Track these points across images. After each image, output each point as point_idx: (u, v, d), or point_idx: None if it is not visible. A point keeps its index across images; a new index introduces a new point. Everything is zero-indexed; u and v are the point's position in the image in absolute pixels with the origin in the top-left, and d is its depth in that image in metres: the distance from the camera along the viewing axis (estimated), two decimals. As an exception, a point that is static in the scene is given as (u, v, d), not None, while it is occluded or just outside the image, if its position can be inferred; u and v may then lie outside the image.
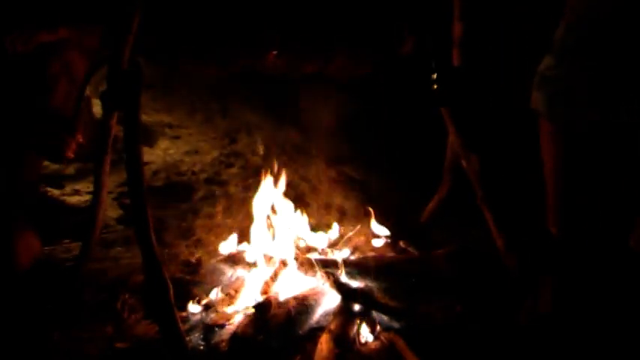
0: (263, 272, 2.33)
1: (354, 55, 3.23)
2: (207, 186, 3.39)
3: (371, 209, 2.80)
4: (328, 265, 2.33)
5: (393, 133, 3.60)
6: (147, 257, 1.79)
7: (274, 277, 2.28)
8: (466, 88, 2.60)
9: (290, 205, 2.60)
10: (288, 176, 2.65)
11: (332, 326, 2.01)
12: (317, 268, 2.30)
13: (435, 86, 2.62)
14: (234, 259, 2.47)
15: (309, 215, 2.72)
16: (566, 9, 1.66)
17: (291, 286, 2.26)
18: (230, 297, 2.22)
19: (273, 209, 2.55)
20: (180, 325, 1.84)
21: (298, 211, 2.63)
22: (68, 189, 3.20)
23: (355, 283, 2.28)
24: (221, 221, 2.87)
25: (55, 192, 3.14)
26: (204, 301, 2.20)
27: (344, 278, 2.28)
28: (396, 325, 2.09)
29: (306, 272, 2.32)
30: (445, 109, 2.64)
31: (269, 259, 2.38)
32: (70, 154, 2.20)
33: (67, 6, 2.08)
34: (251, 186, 3.27)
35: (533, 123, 1.82)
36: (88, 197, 2.98)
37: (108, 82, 1.91)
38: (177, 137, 3.86)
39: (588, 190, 1.77)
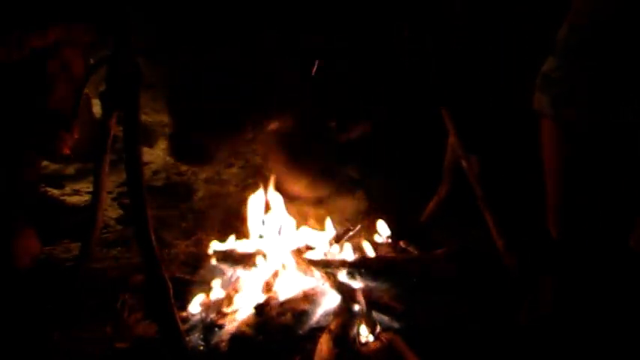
0: (263, 272, 2.33)
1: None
2: (207, 186, 3.39)
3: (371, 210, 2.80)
4: (328, 265, 2.33)
5: (394, 133, 3.60)
6: (147, 257, 1.79)
7: (274, 277, 2.28)
8: (466, 88, 2.60)
9: (288, 204, 2.60)
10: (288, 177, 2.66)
11: (332, 326, 2.01)
12: (317, 268, 2.30)
13: (435, 86, 2.62)
14: (235, 259, 2.47)
15: (309, 215, 2.72)
16: (570, 10, 1.66)
17: (291, 286, 2.26)
18: (230, 297, 2.22)
19: (273, 209, 2.56)
20: (180, 325, 1.84)
21: (299, 210, 2.63)
22: (68, 189, 3.20)
23: (355, 283, 2.28)
24: (221, 221, 2.87)
25: (55, 192, 3.14)
26: (204, 301, 2.20)
27: (344, 278, 2.28)
28: (396, 325, 2.08)
29: (306, 272, 2.32)
30: (445, 110, 2.64)
31: (269, 259, 2.38)
32: (67, 150, 2.20)
33: (55, 7, 2.08)
34: (251, 186, 3.27)
35: (532, 123, 1.82)
36: (88, 197, 2.98)
37: (107, 83, 1.91)
38: (177, 137, 3.85)
39: (589, 190, 1.77)
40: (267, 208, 2.56)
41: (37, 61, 2.15)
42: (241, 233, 2.60)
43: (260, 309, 2.07)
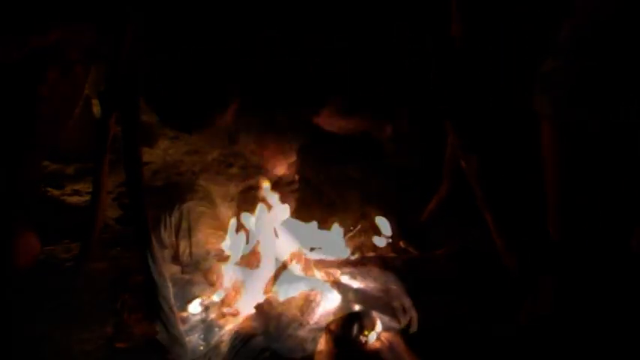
0: (263, 272, 2.33)
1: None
2: (207, 186, 3.38)
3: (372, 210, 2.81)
4: (328, 266, 2.33)
5: (394, 133, 3.60)
6: (146, 257, 1.79)
7: (275, 277, 2.28)
8: (465, 88, 2.60)
9: (290, 204, 2.60)
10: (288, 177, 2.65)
11: (332, 326, 2.01)
12: (317, 268, 2.30)
13: (434, 86, 2.62)
14: (235, 260, 2.47)
15: (309, 215, 2.72)
16: (570, 10, 1.66)
17: (291, 286, 2.26)
18: (230, 297, 2.22)
19: (274, 209, 2.56)
20: (180, 325, 1.84)
21: (299, 210, 2.63)
22: (68, 189, 3.20)
23: (355, 283, 2.28)
24: (221, 221, 2.86)
25: (55, 192, 3.14)
26: (204, 301, 2.20)
27: (344, 278, 2.28)
28: (396, 325, 2.09)
29: (306, 272, 2.32)
30: (445, 109, 2.64)
31: (270, 259, 2.38)
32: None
33: (55, 7, 2.08)
34: (251, 186, 3.27)
35: (532, 123, 1.82)
36: (88, 197, 2.97)
37: (107, 83, 1.91)
38: (177, 137, 3.85)
39: (589, 191, 1.77)
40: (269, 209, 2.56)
41: (37, 61, 2.15)
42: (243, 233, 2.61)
43: (260, 309, 2.07)
